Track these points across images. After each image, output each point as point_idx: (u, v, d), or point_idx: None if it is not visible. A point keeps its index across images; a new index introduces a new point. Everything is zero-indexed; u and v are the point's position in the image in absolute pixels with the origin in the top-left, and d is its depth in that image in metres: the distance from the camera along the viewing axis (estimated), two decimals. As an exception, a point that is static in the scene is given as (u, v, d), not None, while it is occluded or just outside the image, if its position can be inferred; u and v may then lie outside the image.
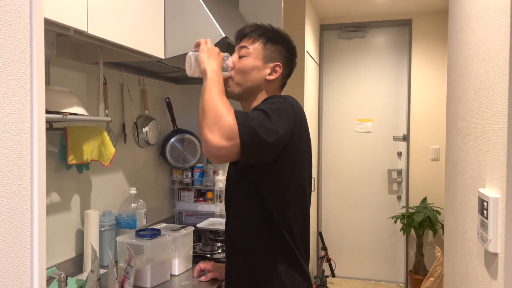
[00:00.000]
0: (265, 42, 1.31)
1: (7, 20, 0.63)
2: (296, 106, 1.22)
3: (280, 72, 1.31)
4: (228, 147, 1.08)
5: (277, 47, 1.32)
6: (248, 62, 1.29)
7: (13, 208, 0.64)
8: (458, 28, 1.46)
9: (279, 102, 1.19)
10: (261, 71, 1.30)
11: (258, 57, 1.30)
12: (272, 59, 1.31)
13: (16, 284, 0.66)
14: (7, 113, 0.63)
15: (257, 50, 1.30)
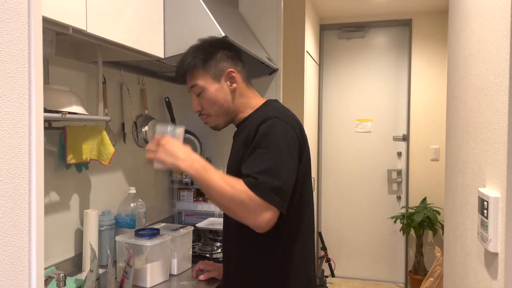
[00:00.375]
0: (202, 65, 1.26)
1: (5, 18, 0.63)
2: (290, 121, 1.19)
3: (237, 74, 1.28)
4: (270, 218, 1.09)
5: (215, 57, 1.27)
6: (208, 94, 1.26)
7: (11, 206, 0.64)
8: (458, 28, 1.46)
9: (273, 133, 1.14)
10: (223, 90, 1.27)
11: (209, 82, 1.26)
12: (221, 71, 1.27)
13: (13, 283, 0.65)
14: (4, 111, 0.63)
15: (203, 78, 1.26)
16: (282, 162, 1.12)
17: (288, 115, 1.21)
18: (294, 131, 1.18)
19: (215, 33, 1.56)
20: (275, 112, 1.20)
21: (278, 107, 1.27)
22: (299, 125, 1.23)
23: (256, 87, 2.43)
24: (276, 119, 1.16)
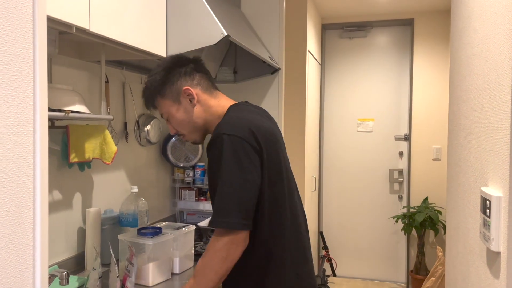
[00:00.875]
0: (159, 93, 1.30)
1: (10, 17, 0.63)
2: (240, 132, 1.17)
3: (193, 90, 1.29)
4: (227, 241, 1.12)
5: (169, 80, 1.29)
6: (173, 117, 1.30)
7: (16, 204, 0.64)
8: (460, 27, 1.46)
9: (219, 156, 1.15)
10: (185, 109, 1.29)
11: (171, 106, 1.30)
12: (177, 92, 1.29)
13: (18, 281, 0.66)
14: (9, 110, 0.63)
15: (164, 104, 1.31)
16: (233, 185, 1.13)
17: (238, 126, 1.18)
18: (246, 142, 1.16)
19: (217, 32, 1.56)
20: (224, 126, 1.19)
21: (231, 116, 1.24)
22: (254, 132, 1.19)
23: (258, 86, 2.45)
24: (222, 136, 1.16)
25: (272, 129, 1.29)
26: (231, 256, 1.13)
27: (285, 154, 1.34)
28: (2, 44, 0.62)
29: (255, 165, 1.16)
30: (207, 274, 1.13)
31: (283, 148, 1.35)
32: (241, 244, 1.14)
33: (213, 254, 1.13)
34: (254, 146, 1.17)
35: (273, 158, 1.22)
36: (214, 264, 1.13)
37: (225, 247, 1.12)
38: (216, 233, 1.15)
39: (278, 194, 1.24)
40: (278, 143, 1.28)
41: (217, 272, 1.13)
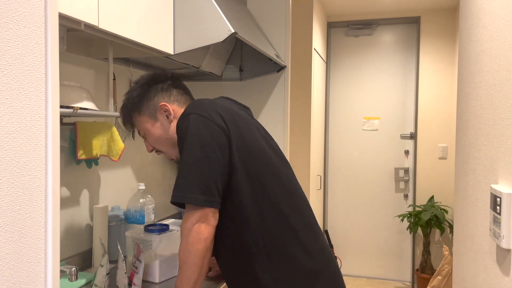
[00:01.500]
0: (136, 110, 1.30)
1: (23, 11, 0.64)
2: (205, 111, 1.16)
3: (169, 106, 1.29)
4: (204, 223, 1.11)
5: (146, 97, 1.29)
6: (151, 134, 1.30)
7: (28, 199, 0.65)
8: (469, 24, 1.45)
9: (183, 133, 1.15)
10: (162, 125, 1.29)
11: (148, 123, 1.30)
12: (154, 108, 1.29)
13: (30, 275, 0.66)
14: (22, 104, 0.64)
15: (141, 121, 1.31)
16: (193, 162, 1.12)
17: (204, 106, 1.19)
18: (210, 120, 1.15)
19: (224, 30, 1.56)
20: (190, 107, 1.20)
21: (199, 100, 1.26)
22: (220, 112, 1.19)
23: (264, 85, 2.44)
24: (188, 116, 1.17)
25: (243, 114, 1.27)
26: (202, 234, 1.11)
27: (265, 137, 1.30)
28: (15, 38, 0.62)
29: (218, 143, 1.14)
30: (187, 259, 1.13)
31: (261, 133, 1.31)
32: (209, 220, 1.12)
33: (184, 238, 1.13)
34: (220, 125, 1.16)
35: (245, 138, 1.19)
36: (189, 246, 1.12)
37: (194, 227, 1.11)
38: (184, 217, 1.14)
39: (260, 172, 1.20)
40: (249, 124, 1.25)
41: (195, 255, 1.12)
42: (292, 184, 1.28)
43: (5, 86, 0.61)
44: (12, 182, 0.62)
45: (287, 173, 1.29)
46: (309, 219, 1.27)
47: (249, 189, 1.18)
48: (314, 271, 1.20)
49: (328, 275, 1.24)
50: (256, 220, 1.18)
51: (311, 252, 1.21)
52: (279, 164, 1.26)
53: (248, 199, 1.18)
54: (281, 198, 1.22)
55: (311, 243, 1.22)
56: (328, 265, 1.24)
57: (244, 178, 1.18)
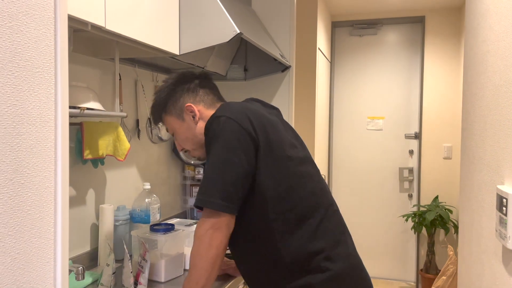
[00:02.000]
0: (164, 109, 1.33)
1: (33, 14, 0.64)
2: (234, 114, 1.16)
3: (194, 107, 1.30)
4: (219, 229, 1.11)
5: (173, 97, 1.32)
6: (178, 134, 1.33)
7: (38, 199, 0.65)
8: (475, 24, 1.45)
9: (210, 135, 1.16)
10: (188, 125, 1.31)
11: (175, 122, 1.32)
12: (181, 109, 1.31)
13: (39, 275, 0.67)
14: (32, 106, 0.64)
15: (169, 121, 1.34)
16: (218, 167, 1.13)
17: (234, 110, 1.19)
18: (239, 125, 1.15)
19: (230, 30, 1.57)
20: (220, 110, 1.21)
21: (230, 103, 1.26)
22: (250, 117, 1.18)
23: (268, 84, 2.45)
24: (218, 118, 1.17)
25: (272, 119, 1.26)
26: (215, 241, 1.11)
27: (292, 141, 1.28)
28: (25, 41, 0.63)
29: (244, 148, 1.14)
30: (197, 263, 1.13)
31: (290, 137, 1.29)
32: (223, 228, 1.12)
33: (197, 241, 1.13)
34: (248, 130, 1.15)
35: (272, 144, 1.18)
36: (201, 251, 1.12)
37: (207, 232, 1.11)
38: (200, 220, 1.14)
39: (285, 180, 1.18)
40: (279, 131, 1.24)
41: (205, 260, 1.12)
42: (319, 190, 1.25)
43: (16, 87, 0.61)
44: (22, 183, 0.63)
45: (316, 179, 1.26)
46: (335, 225, 1.24)
47: (274, 196, 1.17)
48: (337, 276, 1.17)
49: (354, 280, 1.22)
50: (279, 227, 1.17)
51: (335, 259, 1.18)
52: (307, 170, 1.25)
53: (272, 207, 1.17)
54: (307, 205, 1.20)
55: (336, 249, 1.19)
56: (353, 271, 1.22)
57: (269, 185, 1.17)
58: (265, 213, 1.17)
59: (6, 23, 0.59)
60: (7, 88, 0.60)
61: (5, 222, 0.60)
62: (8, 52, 0.60)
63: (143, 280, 1.40)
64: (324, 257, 1.17)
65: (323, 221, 1.20)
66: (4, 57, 0.59)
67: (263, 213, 1.17)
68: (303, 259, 1.16)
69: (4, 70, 0.59)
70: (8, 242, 0.60)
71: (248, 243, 1.21)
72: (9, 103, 0.60)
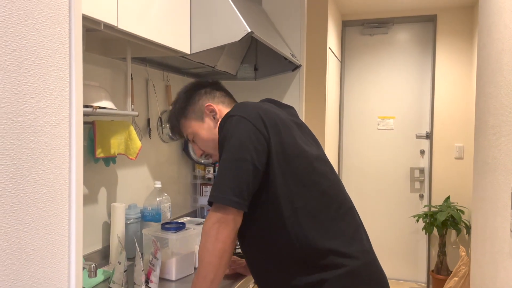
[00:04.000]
0: (183, 115, 1.34)
1: (48, 12, 0.65)
2: (246, 113, 1.17)
3: (215, 106, 1.32)
4: (225, 224, 1.11)
5: (191, 101, 1.34)
6: (199, 136, 1.33)
7: (53, 196, 0.66)
8: (489, 23, 1.43)
9: (223, 134, 1.17)
10: (210, 126, 1.32)
11: (195, 125, 1.33)
12: (200, 110, 1.33)
13: (54, 271, 0.67)
14: (47, 104, 0.65)
15: (189, 125, 1.34)
16: (231, 163, 1.13)
17: (246, 109, 1.20)
18: (252, 124, 1.16)
19: (241, 29, 1.57)
20: (233, 110, 1.22)
21: (243, 102, 1.27)
22: (262, 116, 1.19)
23: (278, 84, 2.44)
24: (230, 117, 1.18)
25: (285, 118, 1.26)
26: (221, 235, 1.12)
27: (307, 141, 1.29)
28: (41, 39, 0.63)
29: (256, 147, 1.14)
30: (204, 257, 1.13)
31: (304, 136, 1.30)
32: (229, 222, 1.12)
33: (204, 235, 1.14)
34: (260, 129, 1.16)
35: (284, 144, 1.19)
36: (207, 245, 1.13)
37: (214, 226, 1.12)
38: (207, 215, 1.15)
39: (298, 179, 1.18)
40: (291, 130, 1.24)
41: (211, 253, 1.12)
42: (334, 189, 1.25)
43: (31, 85, 0.62)
44: (37, 180, 0.63)
45: (329, 177, 1.25)
46: (350, 222, 1.24)
47: (286, 196, 1.17)
48: (352, 273, 1.17)
49: (369, 277, 1.21)
50: (293, 224, 1.17)
51: (350, 255, 1.18)
52: (320, 168, 1.24)
53: (285, 205, 1.17)
54: (320, 202, 1.20)
55: (351, 246, 1.19)
56: (368, 268, 1.21)
57: (282, 184, 1.17)
58: (278, 210, 1.17)
59: (22, 21, 0.60)
60: (23, 86, 0.60)
61: (21, 218, 0.61)
62: (24, 50, 0.60)
63: (154, 278, 1.41)
64: (339, 254, 1.17)
65: (337, 219, 1.20)
66: (20, 55, 0.60)
67: (276, 210, 1.17)
68: (318, 256, 1.16)
69: (21, 68, 0.60)
70: (23, 239, 0.61)
71: (261, 241, 1.21)
72: (25, 100, 0.61)
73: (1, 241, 0.57)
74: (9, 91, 0.58)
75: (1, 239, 0.57)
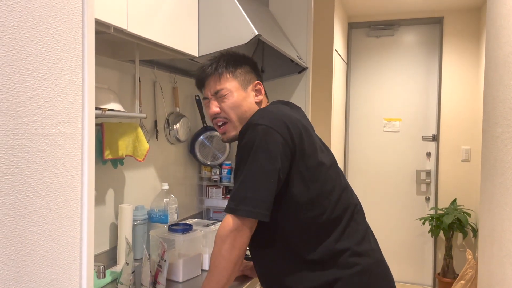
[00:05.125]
0: (232, 70, 1.28)
1: (62, 17, 0.66)
2: (272, 122, 1.16)
3: (262, 87, 1.33)
4: (242, 232, 1.12)
5: (243, 67, 1.31)
6: (233, 98, 1.27)
7: (65, 198, 0.67)
8: (497, 25, 1.42)
9: (248, 144, 1.15)
10: (249, 98, 1.29)
11: (237, 88, 1.28)
12: (248, 81, 1.30)
13: (66, 272, 0.68)
14: (60, 107, 0.66)
15: (231, 83, 1.28)
16: (255, 174, 1.13)
17: (272, 117, 1.18)
18: (278, 133, 1.15)
19: (248, 32, 1.57)
20: (258, 117, 1.19)
21: (267, 109, 1.25)
22: (288, 125, 1.18)
23: (285, 86, 2.45)
24: (256, 126, 1.16)
25: (305, 123, 1.28)
26: (238, 242, 1.13)
27: (321, 146, 1.30)
28: (55, 43, 0.64)
29: (282, 159, 1.14)
30: (219, 264, 1.14)
31: (319, 141, 1.31)
32: (246, 231, 1.13)
33: (219, 242, 1.14)
34: (286, 140, 1.16)
35: (306, 151, 1.20)
36: (223, 252, 1.13)
37: (231, 234, 1.12)
38: (223, 222, 1.15)
39: (317, 186, 1.20)
40: (312, 137, 1.25)
41: (228, 260, 1.13)
42: (346, 192, 1.27)
43: (45, 89, 0.63)
44: (51, 183, 0.64)
45: (342, 181, 1.28)
46: (360, 223, 1.26)
47: (306, 201, 1.19)
48: (365, 271, 1.19)
49: (380, 275, 1.23)
50: (310, 232, 1.19)
51: (361, 254, 1.20)
52: (334, 174, 1.26)
53: (304, 211, 1.19)
54: (337, 209, 1.21)
55: (361, 246, 1.21)
56: (378, 266, 1.23)
57: (302, 191, 1.18)
58: (296, 218, 1.19)
59: (37, 26, 0.61)
60: (37, 90, 0.61)
61: (35, 220, 0.61)
62: (39, 54, 0.61)
63: (162, 280, 1.41)
64: (351, 254, 1.19)
65: (350, 222, 1.23)
66: (35, 60, 0.60)
67: (294, 218, 1.19)
68: (330, 257, 1.18)
69: (35, 72, 0.61)
70: (37, 240, 0.62)
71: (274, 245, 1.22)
72: (39, 104, 0.62)
73: (16, 243, 0.58)
74: (24, 95, 0.59)
75: (16, 241, 0.58)
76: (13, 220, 0.58)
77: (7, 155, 0.56)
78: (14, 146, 0.57)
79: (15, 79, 0.57)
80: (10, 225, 0.57)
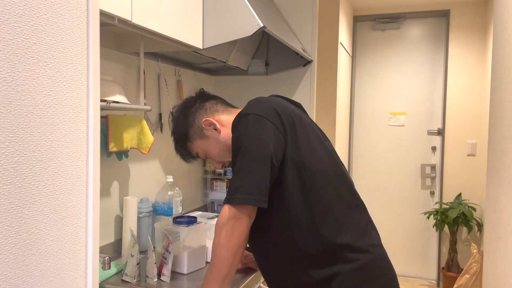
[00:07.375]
0: (187, 139, 1.36)
1: (66, 6, 0.65)
2: (262, 110, 1.17)
3: (211, 119, 1.33)
4: (240, 219, 1.12)
5: (188, 123, 1.35)
6: (212, 152, 1.35)
7: (71, 188, 0.67)
8: (504, 18, 1.41)
9: (238, 133, 1.16)
10: (215, 138, 1.33)
11: (202, 143, 1.35)
12: (200, 128, 1.34)
13: (72, 261, 0.68)
14: (65, 96, 0.66)
15: (196, 146, 1.36)
16: (248, 163, 1.13)
17: (262, 106, 1.19)
18: (269, 121, 1.16)
19: (253, 24, 1.56)
20: (246, 108, 1.21)
21: (256, 99, 1.26)
22: (279, 112, 1.19)
23: (289, 79, 2.44)
24: (246, 116, 1.17)
25: (298, 112, 1.26)
26: (236, 230, 1.12)
27: (319, 135, 1.28)
28: (59, 32, 0.64)
29: (274, 144, 1.14)
30: (219, 252, 1.14)
31: (315, 131, 1.29)
32: (245, 218, 1.13)
33: (218, 231, 1.14)
34: (277, 125, 1.16)
35: (299, 138, 1.19)
36: (222, 240, 1.13)
37: (229, 222, 1.12)
38: (222, 210, 1.15)
39: (311, 174, 1.18)
40: (304, 123, 1.24)
41: (227, 249, 1.13)
42: (343, 183, 1.25)
43: (50, 78, 0.63)
44: (56, 172, 0.64)
45: (339, 173, 1.26)
46: (360, 217, 1.24)
47: (300, 189, 1.18)
48: (364, 266, 1.18)
49: (380, 271, 1.22)
50: (305, 220, 1.17)
51: (361, 250, 1.19)
52: (331, 163, 1.24)
53: (298, 200, 1.18)
54: (332, 197, 1.20)
55: (361, 241, 1.20)
56: (378, 262, 1.22)
57: (296, 180, 1.17)
58: (291, 206, 1.17)
59: (41, 15, 0.61)
60: (42, 79, 0.61)
61: (40, 210, 0.62)
62: (44, 43, 0.61)
63: (167, 272, 1.42)
64: (350, 249, 1.17)
65: (348, 214, 1.21)
66: (40, 48, 0.60)
67: (289, 206, 1.17)
68: (329, 251, 1.17)
69: (40, 61, 0.60)
70: (43, 229, 0.62)
71: (272, 236, 1.22)
72: (44, 93, 0.62)
73: (22, 231, 0.58)
74: (29, 84, 0.59)
75: (22, 230, 0.58)
76: (18, 208, 0.58)
77: (13, 143, 0.56)
78: (20, 135, 0.57)
79: (20, 67, 0.57)
80: (15, 214, 0.57)
